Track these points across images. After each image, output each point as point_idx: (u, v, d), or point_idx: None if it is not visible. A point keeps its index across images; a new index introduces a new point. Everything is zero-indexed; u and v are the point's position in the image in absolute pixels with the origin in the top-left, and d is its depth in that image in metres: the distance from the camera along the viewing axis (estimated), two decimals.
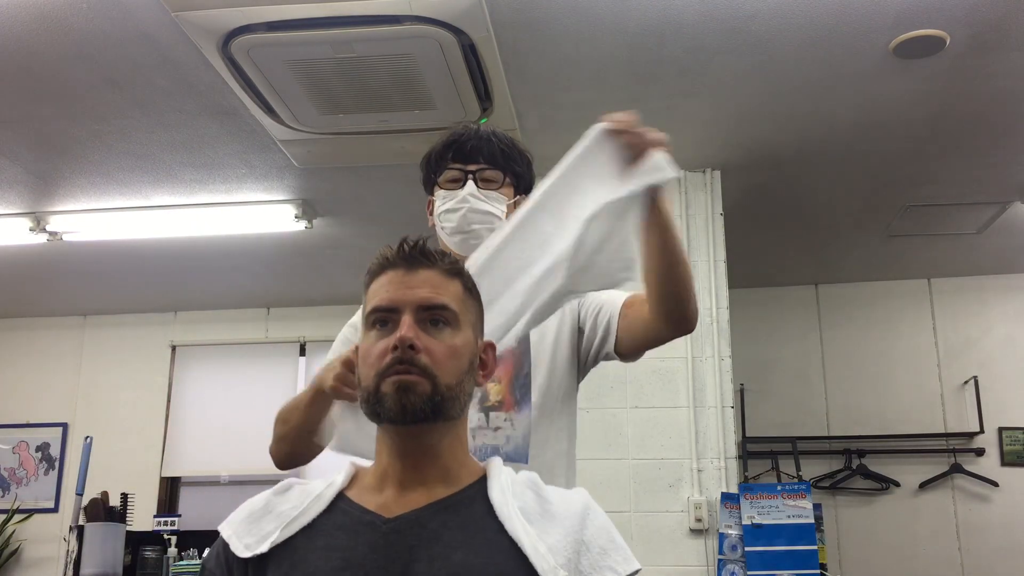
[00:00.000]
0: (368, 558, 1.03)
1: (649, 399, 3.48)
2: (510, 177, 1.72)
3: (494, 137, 1.72)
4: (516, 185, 1.73)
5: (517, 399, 1.58)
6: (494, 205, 1.68)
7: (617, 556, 1.07)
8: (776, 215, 4.18)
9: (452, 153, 1.71)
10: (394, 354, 1.07)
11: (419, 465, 1.10)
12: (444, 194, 1.71)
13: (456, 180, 1.70)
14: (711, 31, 2.68)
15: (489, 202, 1.68)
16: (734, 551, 3.26)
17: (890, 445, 4.89)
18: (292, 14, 2.48)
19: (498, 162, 1.70)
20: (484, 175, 1.69)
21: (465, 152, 1.70)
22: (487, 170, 1.69)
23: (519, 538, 1.04)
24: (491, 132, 1.74)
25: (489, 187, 1.69)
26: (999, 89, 3.01)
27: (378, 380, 1.08)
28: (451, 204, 1.68)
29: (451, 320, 1.12)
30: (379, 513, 1.07)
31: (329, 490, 1.11)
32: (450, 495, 1.09)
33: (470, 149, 1.69)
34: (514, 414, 1.58)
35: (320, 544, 1.06)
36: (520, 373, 1.62)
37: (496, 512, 1.07)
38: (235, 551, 1.08)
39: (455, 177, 1.70)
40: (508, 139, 1.75)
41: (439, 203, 1.71)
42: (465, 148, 1.70)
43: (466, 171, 1.69)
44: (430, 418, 1.07)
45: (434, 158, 1.75)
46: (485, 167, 1.69)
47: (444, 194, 1.71)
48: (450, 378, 1.09)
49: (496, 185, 1.70)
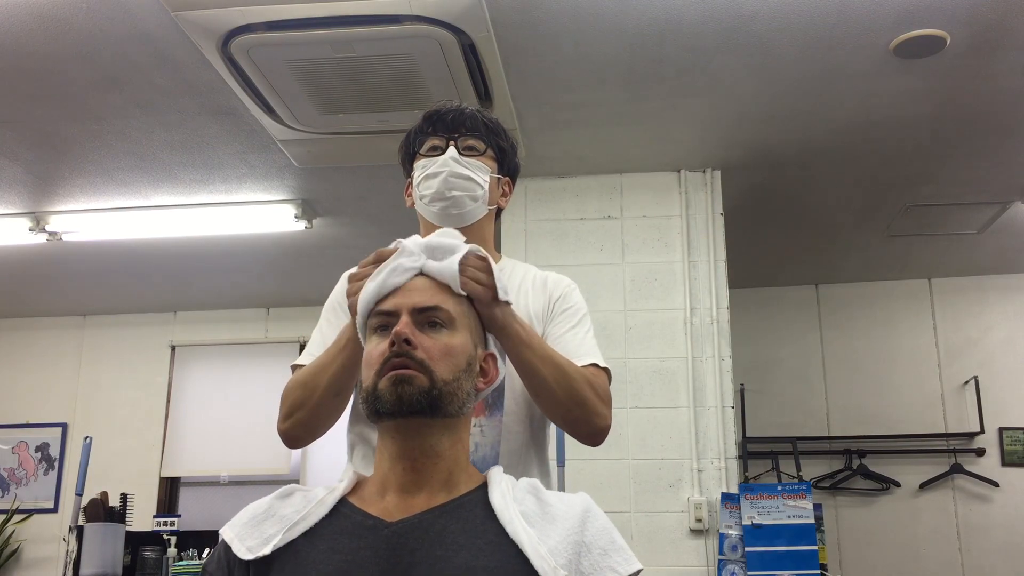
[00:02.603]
0: (370, 561, 1.04)
1: (649, 399, 3.48)
2: (493, 150, 1.66)
3: (478, 112, 1.67)
4: (500, 160, 1.68)
5: (489, 403, 1.51)
6: (476, 173, 1.62)
7: (618, 557, 1.08)
8: (776, 215, 4.18)
9: (433, 125, 1.66)
10: (391, 350, 1.09)
11: (419, 467, 1.11)
12: (424, 162, 1.64)
13: (437, 148, 1.64)
14: (711, 31, 2.67)
15: (471, 168, 1.61)
16: (734, 551, 3.26)
17: (890, 445, 4.89)
18: (292, 14, 2.48)
19: (481, 132, 1.65)
20: (466, 142, 1.63)
21: (447, 122, 1.64)
22: (470, 137, 1.64)
23: (520, 540, 1.05)
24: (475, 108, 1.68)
25: (471, 154, 1.63)
26: (999, 89, 3.01)
27: (376, 379, 1.10)
28: (432, 168, 1.62)
29: (447, 322, 1.15)
30: (381, 517, 1.08)
31: (331, 495, 1.12)
32: (451, 499, 1.10)
33: (452, 119, 1.64)
34: (484, 420, 1.51)
35: (322, 548, 1.07)
36: None
37: (497, 516, 1.08)
38: (237, 553, 1.08)
39: (436, 145, 1.64)
40: (493, 117, 1.69)
41: (418, 172, 1.65)
42: (447, 118, 1.64)
43: (448, 137, 1.63)
44: (427, 411, 1.09)
45: (414, 133, 1.70)
46: (466, 136, 1.63)
47: (424, 162, 1.64)
48: (446, 374, 1.11)
49: (478, 153, 1.64)
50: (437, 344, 1.12)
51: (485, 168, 1.63)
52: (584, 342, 1.63)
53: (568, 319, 1.64)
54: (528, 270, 1.71)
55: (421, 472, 1.11)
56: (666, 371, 3.50)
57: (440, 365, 1.10)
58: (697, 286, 3.58)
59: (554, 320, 1.63)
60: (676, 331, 3.54)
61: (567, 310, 1.65)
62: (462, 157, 1.62)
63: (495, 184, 1.66)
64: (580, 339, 1.63)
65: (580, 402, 1.47)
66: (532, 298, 1.63)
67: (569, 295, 1.68)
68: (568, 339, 1.61)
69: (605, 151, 3.54)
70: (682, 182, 3.68)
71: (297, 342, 5.32)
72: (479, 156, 1.63)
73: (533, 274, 1.69)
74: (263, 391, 5.16)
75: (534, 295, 1.64)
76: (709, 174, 3.68)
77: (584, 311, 1.68)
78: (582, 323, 1.66)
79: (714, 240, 3.62)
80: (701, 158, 3.61)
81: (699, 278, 3.58)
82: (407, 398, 1.08)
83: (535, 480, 1.15)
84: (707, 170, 3.68)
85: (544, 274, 1.70)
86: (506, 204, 1.72)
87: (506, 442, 1.50)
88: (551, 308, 1.64)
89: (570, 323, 1.64)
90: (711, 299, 3.55)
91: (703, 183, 3.68)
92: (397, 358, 1.09)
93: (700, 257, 3.61)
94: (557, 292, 1.66)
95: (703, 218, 3.64)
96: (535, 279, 1.68)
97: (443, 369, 1.10)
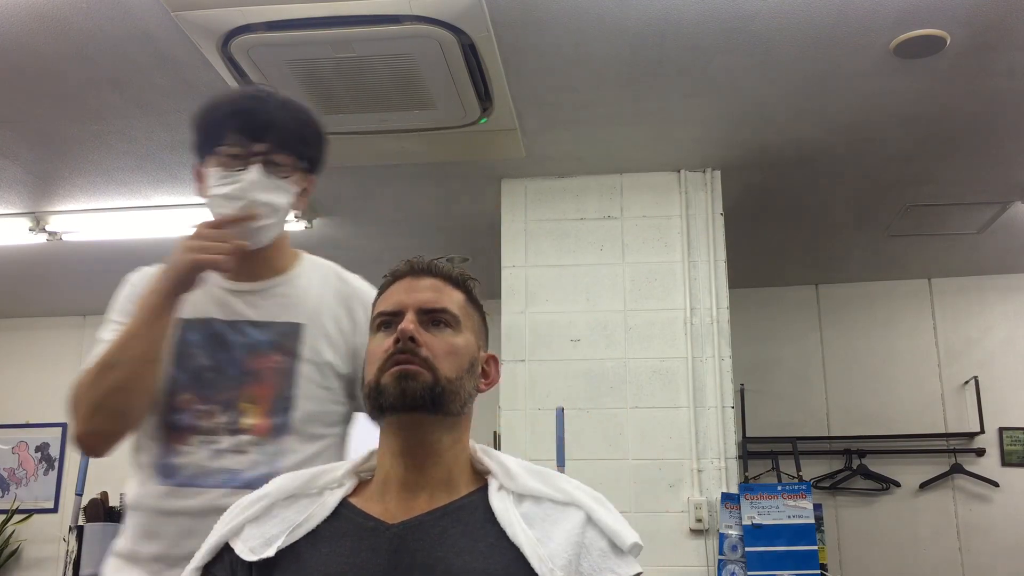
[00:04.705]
0: (371, 563, 1.05)
1: (649, 399, 3.48)
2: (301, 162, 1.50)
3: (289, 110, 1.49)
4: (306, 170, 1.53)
5: (274, 424, 1.44)
6: (280, 196, 1.47)
7: (618, 558, 1.08)
8: (776, 215, 4.18)
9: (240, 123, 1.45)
10: (396, 346, 1.10)
11: (421, 465, 1.11)
12: (222, 173, 1.45)
13: (238, 158, 1.45)
14: (711, 31, 2.67)
15: (276, 192, 1.46)
16: (734, 551, 3.26)
17: (890, 445, 4.89)
18: (292, 14, 2.48)
19: (290, 144, 1.47)
20: (276, 157, 1.46)
21: (254, 125, 1.45)
22: (279, 153, 1.46)
23: (520, 543, 1.05)
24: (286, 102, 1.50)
25: (277, 172, 1.46)
26: (999, 89, 3.01)
27: (379, 374, 1.10)
28: (229, 190, 1.44)
29: (451, 322, 1.15)
30: (382, 519, 1.09)
31: (333, 497, 1.13)
32: (452, 501, 1.10)
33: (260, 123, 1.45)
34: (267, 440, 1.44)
35: (324, 550, 1.07)
36: (281, 395, 1.47)
37: (497, 518, 1.08)
38: (240, 554, 1.09)
39: (237, 154, 1.45)
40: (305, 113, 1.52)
41: (214, 182, 1.46)
42: (255, 120, 1.45)
43: (251, 152, 1.44)
44: (429, 408, 1.09)
45: (213, 121, 1.49)
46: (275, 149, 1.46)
47: (222, 173, 1.45)
48: (450, 372, 1.11)
49: (285, 171, 1.47)
50: (441, 343, 1.12)
51: (290, 189, 1.49)
52: None
53: None
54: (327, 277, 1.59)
55: (422, 470, 1.11)
56: (666, 371, 3.50)
57: (444, 363, 1.11)
58: (697, 286, 3.58)
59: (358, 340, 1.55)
60: (676, 331, 3.54)
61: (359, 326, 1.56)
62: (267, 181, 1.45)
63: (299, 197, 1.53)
64: None
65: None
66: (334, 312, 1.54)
67: None
68: None
69: (605, 151, 3.54)
70: (682, 182, 3.68)
71: None
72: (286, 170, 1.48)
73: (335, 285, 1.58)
74: None
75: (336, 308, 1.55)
76: (709, 174, 3.68)
77: None
78: None
79: (714, 240, 3.62)
80: (701, 158, 3.61)
81: (699, 278, 3.59)
82: (411, 393, 1.08)
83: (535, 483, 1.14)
84: (707, 170, 3.68)
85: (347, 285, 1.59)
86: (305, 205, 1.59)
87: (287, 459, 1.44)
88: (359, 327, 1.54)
89: None
90: (711, 299, 3.55)
91: (703, 183, 3.68)
92: (402, 354, 1.09)
93: (700, 257, 3.61)
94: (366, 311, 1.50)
95: (703, 218, 3.65)
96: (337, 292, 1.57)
97: (447, 367, 1.11)
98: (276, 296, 1.54)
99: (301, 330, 1.51)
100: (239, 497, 1.30)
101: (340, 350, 1.53)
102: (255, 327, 1.50)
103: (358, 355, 1.51)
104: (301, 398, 1.47)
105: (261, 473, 1.40)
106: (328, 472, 1.16)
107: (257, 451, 1.43)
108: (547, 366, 3.55)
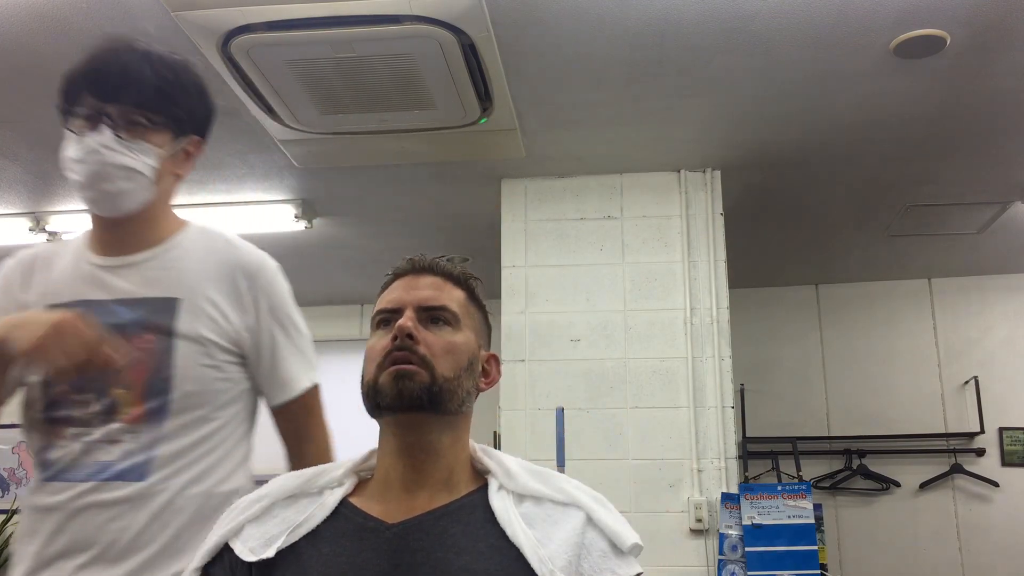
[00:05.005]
0: (371, 563, 1.05)
1: (649, 399, 3.48)
2: (168, 121, 1.38)
3: (151, 64, 1.35)
4: (178, 130, 1.40)
5: (149, 409, 1.34)
6: (138, 158, 1.35)
7: (618, 559, 1.08)
8: (776, 215, 4.18)
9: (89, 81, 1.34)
10: (394, 344, 1.10)
11: (420, 465, 1.11)
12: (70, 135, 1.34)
13: (90, 119, 1.33)
14: (711, 31, 2.67)
15: (131, 154, 1.34)
16: (734, 551, 3.26)
17: (890, 445, 4.89)
18: (292, 14, 2.48)
19: (150, 102, 1.35)
20: (128, 117, 1.34)
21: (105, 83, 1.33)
22: (132, 112, 1.34)
23: (520, 543, 1.05)
24: (148, 55, 1.36)
25: (134, 133, 1.34)
26: (999, 89, 3.01)
27: (377, 372, 1.10)
28: (76, 152, 1.33)
29: (451, 320, 1.15)
30: (382, 519, 1.08)
31: (332, 496, 1.12)
32: (452, 500, 1.10)
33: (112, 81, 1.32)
34: (142, 427, 1.34)
35: (325, 550, 1.07)
36: (157, 376, 1.36)
37: (497, 518, 1.08)
38: (240, 555, 1.08)
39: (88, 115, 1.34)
40: (174, 67, 1.38)
41: (64, 145, 1.36)
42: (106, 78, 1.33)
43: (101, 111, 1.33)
44: (427, 407, 1.09)
45: (68, 81, 1.37)
46: (129, 108, 1.34)
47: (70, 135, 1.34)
48: (448, 371, 1.11)
49: (143, 130, 1.35)
50: (440, 340, 1.12)
51: (151, 151, 1.37)
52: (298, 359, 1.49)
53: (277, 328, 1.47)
54: (214, 246, 1.48)
55: (422, 470, 1.11)
56: (666, 371, 3.50)
57: (442, 361, 1.10)
58: (697, 286, 3.58)
59: (261, 328, 1.45)
60: (676, 331, 3.54)
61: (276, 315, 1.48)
62: (120, 142, 1.33)
63: (169, 160, 1.42)
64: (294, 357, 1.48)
65: None
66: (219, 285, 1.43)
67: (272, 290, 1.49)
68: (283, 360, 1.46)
69: (605, 151, 3.54)
70: (682, 182, 3.68)
71: None
72: (148, 131, 1.36)
73: (222, 255, 1.47)
74: None
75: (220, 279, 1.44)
76: (709, 174, 3.68)
77: (290, 303, 1.51)
78: (291, 329, 1.50)
79: (714, 240, 3.62)
80: (701, 158, 3.61)
81: (699, 278, 3.59)
82: (407, 393, 1.08)
83: (535, 484, 1.14)
84: (707, 170, 3.68)
85: (234, 254, 1.48)
86: (190, 167, 1.48)
87: (165, 448, 1.35)
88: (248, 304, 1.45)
89: (282, 335, 1.47)
90: (711, 299, 3.55)
91: (703, 183, 3.68)
92: (399, 352, 1.09)
93: (700, 257, 3.61)
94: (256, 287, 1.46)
95: (703, 218, 3.65)
96: (223, 262, 1.46)
97: (444, 366, 1.10)
98: (150, 269, 1.42)
99: (177, 305, 1.39)
100: (109, 491, 1.31)
101: (225, 326, 1.42)
102: (124, 305, 1.39)
103: (252, 330, 1.44)
104: (179, 379, 1.36)
105: (135, 463, 1.33)
106: (328, 472, 1.16)
107: (131, 440, 1.35)
108: (547, 366, 3.55)
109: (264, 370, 1.47)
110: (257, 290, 1.47)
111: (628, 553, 1.09)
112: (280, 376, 1.48)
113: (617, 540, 1.09)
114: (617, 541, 1.09)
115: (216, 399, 1.41)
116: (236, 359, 1.44)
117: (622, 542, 1.09)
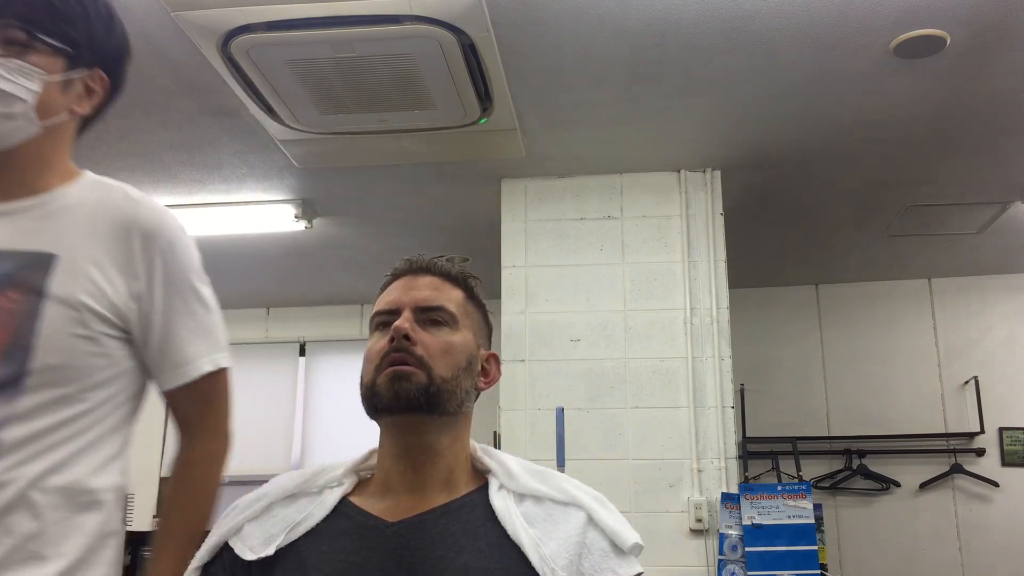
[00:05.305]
0: (371, 562, 1.05)
1: (649, 399, 3.48)
2: (59, 42, 1.20)
3: None
4: (74, 56, 1.23)
5: (2, 380, 1.11)
6: (17, 81, 1.17)
7: (618, 558, 1.08)
8: (776, 215, 4.18)
9: None
10: (391, 345, 1.09)
11: (420, 466, 1.11)
12: None
13: None
14: (711, 31, 2.67)
15: (8, 75, 1.16)
16: (734, 551, 3.26)
17: (890, 445, 4.89)
18: (292, 14, 2.48)
19: (36, 16, 1.18)
20: (5, 33, 1.17)
21: None
22: (10, 26, 1.17)
23: (521, 542, 1.05)
24: None
25: (12, 52, 1.17)
26: (999, 89, 3.01)
27: (375, 374, 1.10)
28: None
29: (449, 320, 1.14)
30: (382, 517, 1.08)
31: (332, 495, 1.12)
32: (452, 500, 1.10)
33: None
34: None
35: (324, 549, 1.07)
36: (15, 343, 1.13)
37: (498, 517, 1.08)
38: (239, 554, 1.08)
39: None
40: None
41: None
42: None
43: None
44: (424, 408, 1.08)
45: None
46: (7, 21, 1.18)
47: None
48: (445, 371, 1.10)
49: (24, 50, 1.18)
50: (437, 341, 1.12)
51: (34, 72, 1.18)
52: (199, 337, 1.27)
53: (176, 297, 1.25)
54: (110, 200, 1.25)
55: (421, 471, 1.11)
56: (666, 371, 3.50)
57: (439, 362, 1.10)
58: (697, 286, 3.58)
59: (153, 297, 1.23)
60: (676, 331, 3.54)
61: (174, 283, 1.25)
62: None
63: (57, 88, 1.22)
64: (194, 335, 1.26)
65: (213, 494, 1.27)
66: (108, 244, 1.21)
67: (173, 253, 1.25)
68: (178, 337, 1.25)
69: (605, 151, 3.54)
70: (682, 182, 3.68)
71: (297, 342, 5.33)
72: (30, 51, 1.19)
73: (117, 211, 1.24)
74: (263, 391, 5.17)
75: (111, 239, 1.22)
76: (709, 174, 3.68)
77: (194, 270, 1.28)
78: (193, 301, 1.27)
79: (714, 240, 3.62)
80: (701, 158, 3.61)
81: (699, 278, 3.59)
82: (404, 394, 1.08)
83: (535, 483, 1.14)
84: (707, 170, 3.68)
85: (132, 210, 1.25)
86: (91, 106, 1.30)
87: (17, 429, 1.12)
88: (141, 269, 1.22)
89: (181, 305, 1.25)
90: (711, 299, 3.55)
91: (703, 183, 3.68)
92: (396, 353, 1.09)
93: (700, 257, 3.61)
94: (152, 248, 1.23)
95: (703, 218, 3.65)
96: (117, 220, 1.23)
97: (442, 366, 1.10)
98: (28, 219, 1.21)
99: (52, 261, 1.17)
100: None
101: (109, 292, 1.20)
102: None
103: (141, 299, 1.22)
104: (43, 349, 1.13)
105: None
106: (328, 471, 1.16)
107: None
108: (547, 366, 3.55)
109: (154, 346, 1.24)
110: (153, 252, 1.23)
111: (629, 553, 1.09)
112: (173, 355, 1.25)
113: (618, 540, 1.09)
114: (618, 541, 1.09)
115: (87, 377, 1.18)
116: (118, 333, 1.22)
117: (623, 542, 1.09)
